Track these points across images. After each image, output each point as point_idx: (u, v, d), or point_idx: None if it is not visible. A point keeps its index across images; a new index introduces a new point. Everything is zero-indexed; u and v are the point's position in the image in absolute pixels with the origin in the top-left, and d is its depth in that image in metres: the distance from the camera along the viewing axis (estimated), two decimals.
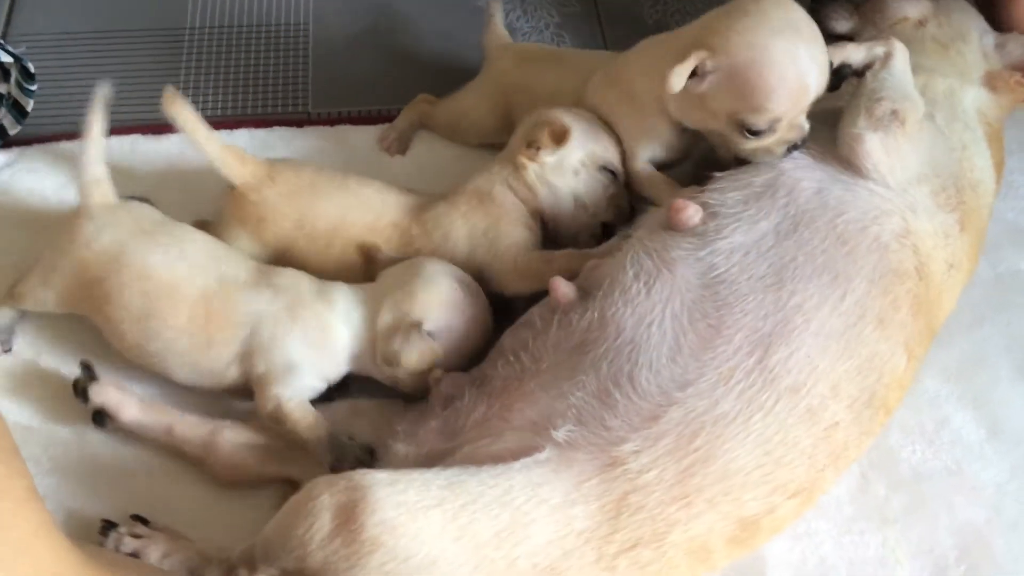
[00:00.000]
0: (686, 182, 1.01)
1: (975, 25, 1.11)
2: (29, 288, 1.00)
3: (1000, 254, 1.12)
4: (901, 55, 0.97)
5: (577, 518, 0.77)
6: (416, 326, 0.92)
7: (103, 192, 1.01)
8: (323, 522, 0.74)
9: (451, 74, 1.28)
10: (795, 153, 0.94)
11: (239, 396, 0.98)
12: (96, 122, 1.00)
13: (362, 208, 1.03)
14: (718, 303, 0.85)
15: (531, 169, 1.02)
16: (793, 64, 0.89)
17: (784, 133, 0.93)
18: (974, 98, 1.03)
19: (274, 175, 1.04)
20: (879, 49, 0.97)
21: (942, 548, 0.93)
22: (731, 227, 0.89)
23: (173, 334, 0.95)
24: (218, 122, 1.23)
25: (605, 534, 0.78)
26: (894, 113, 0.91)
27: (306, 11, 1.41)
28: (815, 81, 0.90)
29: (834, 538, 0.94)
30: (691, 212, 0.91)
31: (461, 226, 1.02)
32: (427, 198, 1.06)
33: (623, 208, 1.05)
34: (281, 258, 1.03)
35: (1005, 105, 1.07)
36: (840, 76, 0.97)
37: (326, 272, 1.00)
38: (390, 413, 0.95)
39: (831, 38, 0.98)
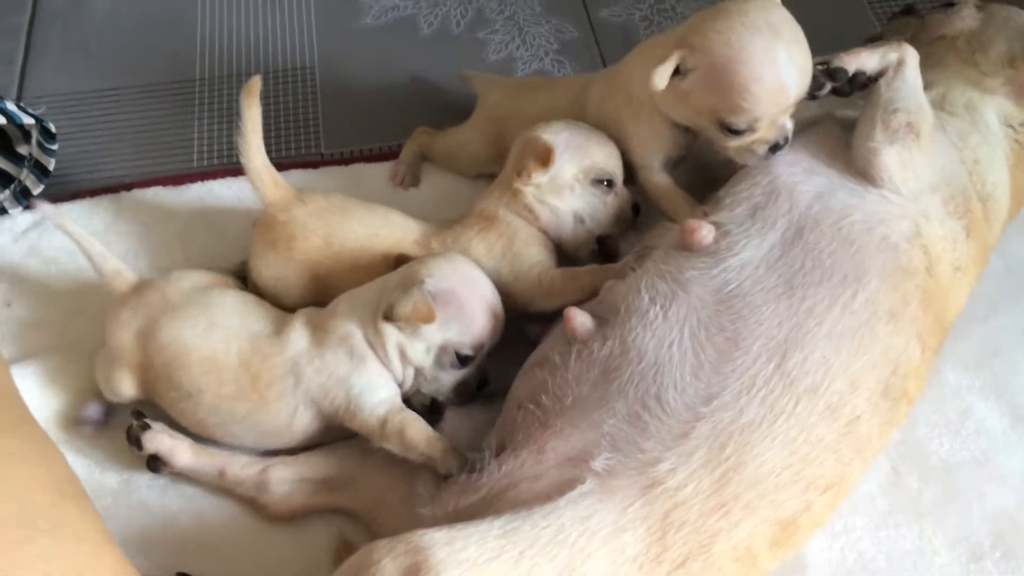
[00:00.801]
0: (686, 183, 1.04)
1: (1013, 33, 1.11)
2: (100, 382, 1.02)
3: (1010, 246, 1.14)
4: (912, 61, 0.99)
5: (628, 544, 0.79)
6: (419, 281, 0.92)
7: (124, 279, 1.03)
8: None
9: (456, 106, 1.31)
10: (786, 157, 0.97)
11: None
12: (80, 233, 1.03)
13: (389, 227, 1.06)
14: (733, 317, 0.88)
15: (528, 192, 1.04)
16: (771, 64, 0.91)
17: (764, 133, 0.95)
18: (996, 108, 1.05)
19: (304, 197, 1.07)
20: (892, 55, 0.99)
21: (977, 536, 0.96)
22: (741, 243, 0.92)
23: (228, 404, 0.96)
24: (235, 169, 1.27)
25: (656, 555, 0.80)
26: (909, 125, 0.94)
27: (311, 56, 1.44)
28: (794, 82, 0.92)
29: (871, 533, 0.96)
30: (705, 233, 0.93)
31: (478, 244, 1.05)
32: (445, 223, 1.09)
33: (626, 218, 1.07)
34: (309, 281, 1.05)
35: None
36: (855, 83, 0.99)
37: (342, 289, 1.01)
38: (409, 477, 0.95)
39: None
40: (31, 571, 0.58)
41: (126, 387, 1.00)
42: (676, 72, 0.94)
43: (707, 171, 1.06)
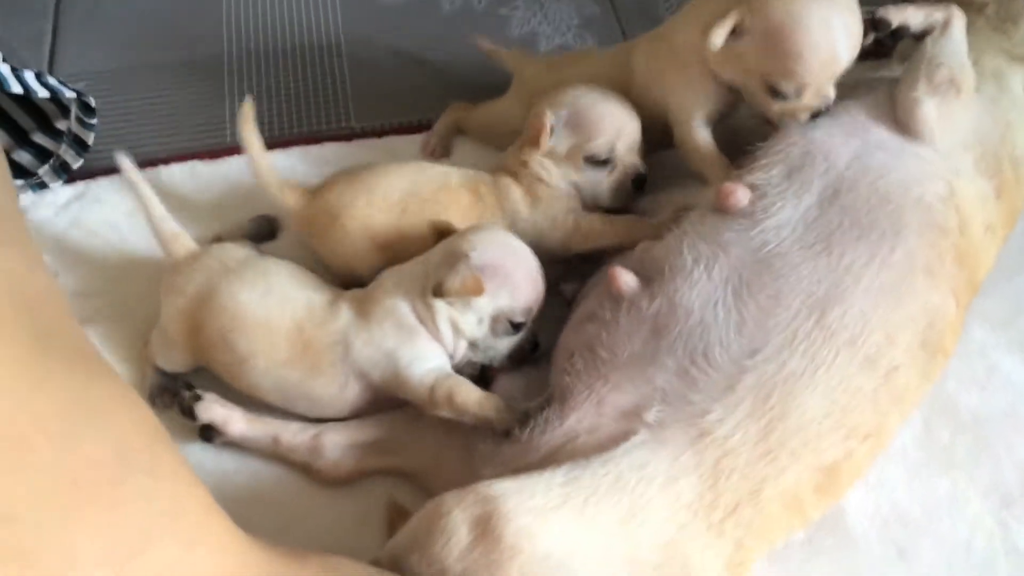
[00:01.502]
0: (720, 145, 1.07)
1: None
2: (154, 351, 1.04)
3: None
4: (959, 22, 1.02)
5: (683, 492, 0.82)
6: (463, 255, 0.94)
7: (182, 243, 1.04)
8: (460, 537, 0.77)
9: (482, 80, 1.33)
10: (824, 121, 0.99)
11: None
12: (148, 192, 1.04)
13: (429, 172, 1.09)
14: (774, 275, 0.91)
15: (532, 162, 1.08)
16: (826, 33, 0.94)
17: (810, 100, 0.98)
18: (1023, 78, 1.07)
19: (325, 184, 1.10)
20: (939, 15, 1.02)
21: (1007, 483, 0.99)
22: (777, 205, 0.95)
23: (281, 369, 0.98)
24: (270, 142, 1.28)
25: (710, 501, 0.83)
26: (952, 81, 0.97)
27: (336, 33, 1.46)
28: (846, 52, 0.96)
29: (905, 483, 0.99)
30: (740, 195, 0.96)
31: (515, 190, 1.08)
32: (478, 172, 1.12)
33: (625, 193, 1.09)
34: (375, 248, 1.07)
35: None
36: (897, 37, 1.02)
37: (407, 246, 1.04)
38: (465, 436, 0.97)
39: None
40: (131, 508, 0.60)
41: (182, 353, 1.02)
42: (731, 32, 0.97)
43: (741, 135, 1.09)
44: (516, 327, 0.97)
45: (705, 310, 0.90)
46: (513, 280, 0.96)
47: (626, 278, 0.94)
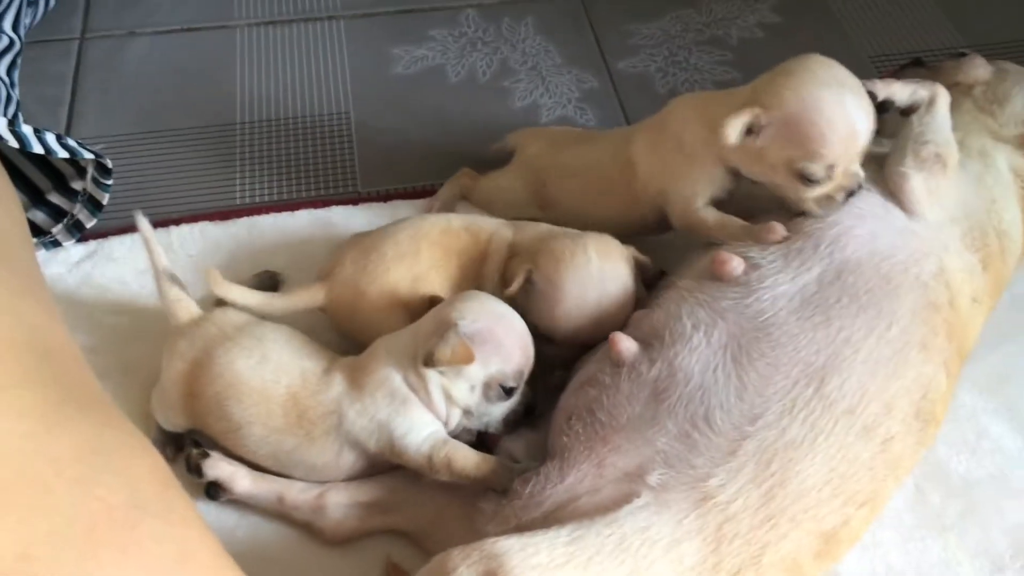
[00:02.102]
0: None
1: None
2: (154, 409, 1.06)
3: (1015, 277, 1.21)
4: (944, 100, 1.06)
5: (686, 555, 0.84)
6: (452, 324, 0.95)
7: (186, 308, 1.06)
8: None
9: (484, 150, 1.38)
10: (850, 204, 1.01)
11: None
12: (159, 253, 1.05)
13: (430, 218, 1.14)
14: (772, 343, 0.93)
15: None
16: (841, 111, 0.97)
17: (841, 180, 1.00)
18: (1007, 157, 1.13)
19: (334, 264, 1.11)
20: (924, 92, 1.06)
21: (997, 548, 1.01)
22: (772, 277, 0.98)
23: (277, 436, 0.99)
24: (278, 205, 1.33)
25: (712, 565, 0.84)
26: (937, 156, 1.01)
27: (346, 102, 1.52)
28: (863, 127, 0.99)
29: (899, 546, 1.01)
30: (735, 264, 0.99)
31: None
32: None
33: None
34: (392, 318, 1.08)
35: None
36: (883, 110, 1.06)
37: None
38: (466, 495, 0.98)
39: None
40: (144, 551, 0.62)
41: (180, 416, 1.04)
42: (748, 132, 1.00)
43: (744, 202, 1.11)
44: (508, 392, 0.98)
45: (705, 375, 0.92)
46: (503, 346, 0.97)
47: (627, 343, 0.97)
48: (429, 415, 0.97)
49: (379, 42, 1.62)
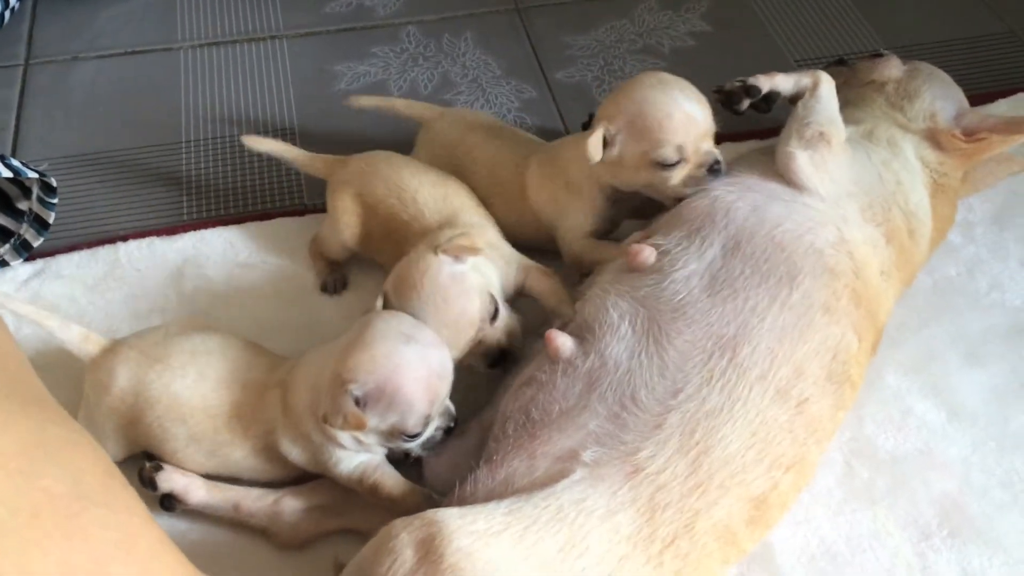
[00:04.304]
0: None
1: (936, 92, 1.26)
2: None
3: (935, 265, 1.28)
4: (826, 86, 1.14)
5: (622, 525, 0.87)
6: (343, 389, 0.92)
7: (93, 341, 1.05)
8: (405, 557, 0.81)
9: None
10: (721, 182, 1.10)
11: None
12: (37, 313, 1.06)
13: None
14: (688, 321, 0.99)
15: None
16: (671, 99, 1.09)
17: (696, 159, 1.10)
18: (915, 147, 1.20)
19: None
20: (807, 80, 1.16)
21: (925, 517, 1.05)
22: (682, 259, 1.04)
23: (225, 449, 1.01)
24: (224, 219, 1.36)
25: (647, 535, 0.88)
26: (820, 135, 1.09)
27: (291, 118, 1.55)
28: (696, 111, 1.09)
29: (830, 520, 1.05)
30: (647, 254, 1.05)
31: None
32: None
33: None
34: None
35: (954, 163, 1.22)
36: (770, 101, 1.16)
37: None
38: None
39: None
40: (87, 537, 0.64)
41: (118, 446, 1.04)
42: (606, 146, 1.11)
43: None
44: (414, 436, 0.96)
45: (632, 359, 0.97)
46: (400, 400, 0.92)
47: (562, 339, 1.01)
48: (351, 439, 0.97)
49: (322, 59, 1.66)
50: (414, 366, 0.93)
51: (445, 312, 1.01)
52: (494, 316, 1.05)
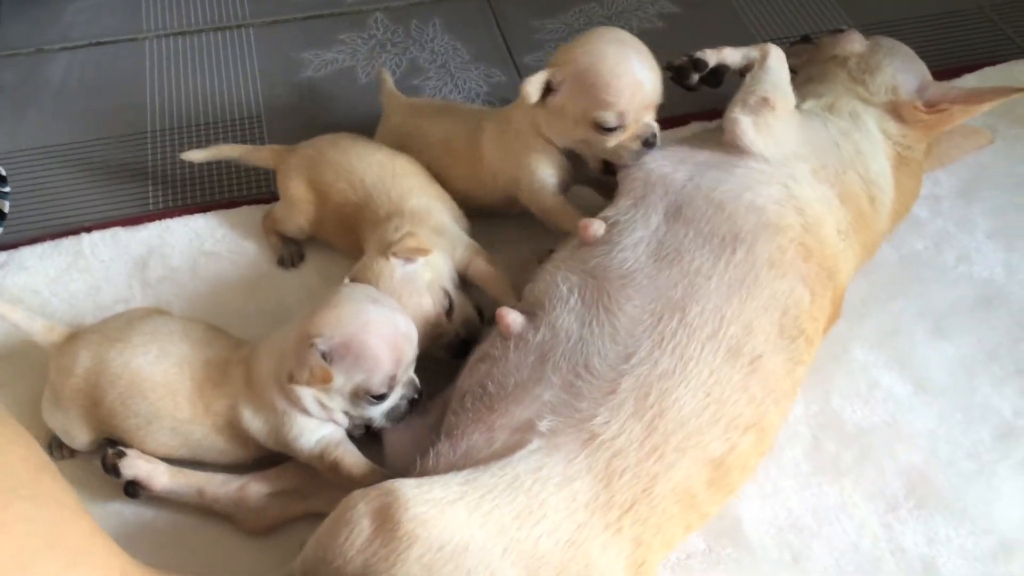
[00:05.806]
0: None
1: (897, 66, 1.26)
2: (58, 433, 1.06)
3: (902, 239, 1.28)
4: (775, 57, 1.15)
5: (579, 492, 0.87)
6: (309, 344, 0.93)
7: (56, 332, 1.06)
8: (362, 527, 0.82)
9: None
10: (658, 153, 1.11)
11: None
12: (7, 311, 1.06)
13: None
14: (636, 287, 1.00)
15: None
16: (625, 63, 1.08)
17: (633, 129, 1.10)
18: (877, 119, 1.20)
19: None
20: (755, 53, 1.17)
21: (891, 489, 1.06)
22: (629, 228, 1.05)
23: (186, 427, 1.01)
24: (190, 208, 1.35)
25: (605, 501, 0.88)
26: (764, 100, 1.10)
27: (257, 106, 1.54)
28: (648, 80, 1.09)
29: (797, 492, 1.05)
30: (596, 226, 1.07)
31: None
32: None
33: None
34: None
35: (917, 135, 1.22)
36: (719, 74, 1.17)
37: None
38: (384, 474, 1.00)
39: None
40: (12, 532, 0.64)
41: (84, 431, 1.04)
42: (548, 92, 1.10)
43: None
44: (380, 397, 0.97)
45: (583, 329, 0.98)
46: (366, 357, 0.94)
47: (512, 316, 1.01)
48: (315, 421, 0.99)
49: (288, 47, 1.65)
50: (381, 324, 0.95)
51: None
52: (449, 311, 1.07)
